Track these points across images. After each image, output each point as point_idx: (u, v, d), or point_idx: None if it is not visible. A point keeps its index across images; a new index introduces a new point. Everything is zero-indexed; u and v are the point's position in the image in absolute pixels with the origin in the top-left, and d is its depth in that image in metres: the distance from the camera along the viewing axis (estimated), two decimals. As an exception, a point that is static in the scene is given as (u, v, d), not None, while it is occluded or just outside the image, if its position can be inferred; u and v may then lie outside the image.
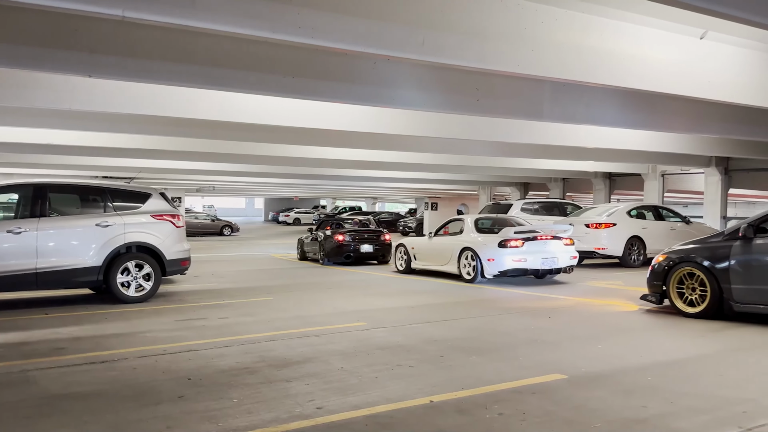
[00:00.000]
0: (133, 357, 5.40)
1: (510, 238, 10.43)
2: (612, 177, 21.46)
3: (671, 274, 7.31)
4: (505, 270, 10.40)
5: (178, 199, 30.37)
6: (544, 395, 4.18)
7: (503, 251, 10.36)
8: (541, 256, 10.50)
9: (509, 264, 10.34)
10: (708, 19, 5.48)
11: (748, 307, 6.60)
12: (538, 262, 10.45)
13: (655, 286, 7.54)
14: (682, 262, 7.22)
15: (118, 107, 7.72)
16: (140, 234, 8.75)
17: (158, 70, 5.73)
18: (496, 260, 10.40)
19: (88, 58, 5.42)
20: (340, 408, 3.91)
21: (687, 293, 7.18)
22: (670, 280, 7.32)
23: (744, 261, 6.64)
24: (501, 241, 10.43)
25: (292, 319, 7.40)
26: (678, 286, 7.27)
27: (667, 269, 7.36)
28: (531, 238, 10.55)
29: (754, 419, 3.62)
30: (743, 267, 6.64)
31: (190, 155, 15.29)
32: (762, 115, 9.42)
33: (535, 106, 8.11)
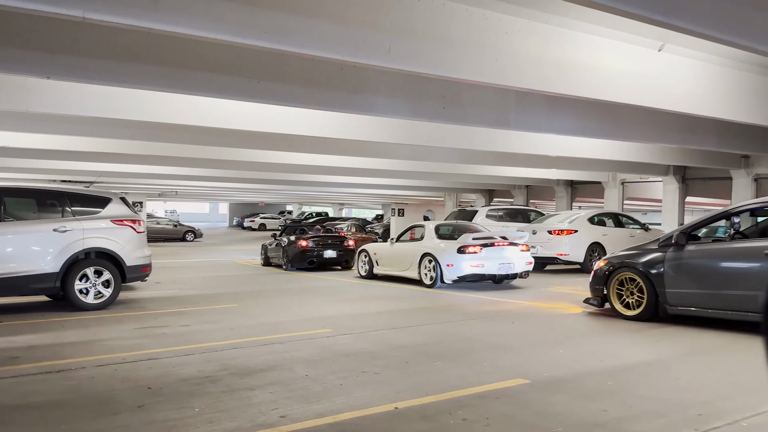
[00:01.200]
0: (91, 366, 5.26)
1: (468, 244, 10.69)
2: (574, 185, 21.87)
3: (611, 279, 7.63)
4: (464, 275, 10.64)
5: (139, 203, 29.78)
6: (508, 400, 4.22)
7: (462, 257, 10.61)
8: (498, 261, 10.77)
9: (468, 269, 10.59)
10: (666, 33, 5.65)
11: (681, 310, 6.95)
12: (495, 267, 10.74)
13: (597, 290, 7.84)
14: (622, 267, 7.54)
15: (77, 110, 7.53)
16: (99, 239, 8.55)
17: (120, 72, 5.62)
18: (455, 266, 10.64)
19: (47, 58, 5.28)
20: (304, 416, 3.88)
21: (626, 297, 7.49)
22: (610, 285, 7.64)
23: (676, 266, 6.98)
24: (460, 247, 10.68)
25: (256, 326, 7.32)
26: (618, 289, 7.58)
27: (608, 274, 7.67)
28: (488, 244, 10.85)
29: (708, 422, 3.72)
30: (676, 272, 6.97)
31: (152, 159, 15.01)
32: (716, 126, 9.74)
33: (500, 114, 8.22)
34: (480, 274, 10.72)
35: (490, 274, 10.80)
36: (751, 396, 4.27)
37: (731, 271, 6.71)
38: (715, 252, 6.95)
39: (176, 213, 52.51)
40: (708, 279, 6.77)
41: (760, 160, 15.14)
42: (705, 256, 6.91)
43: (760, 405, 4.00)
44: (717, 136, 10.36)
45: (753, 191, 15.62)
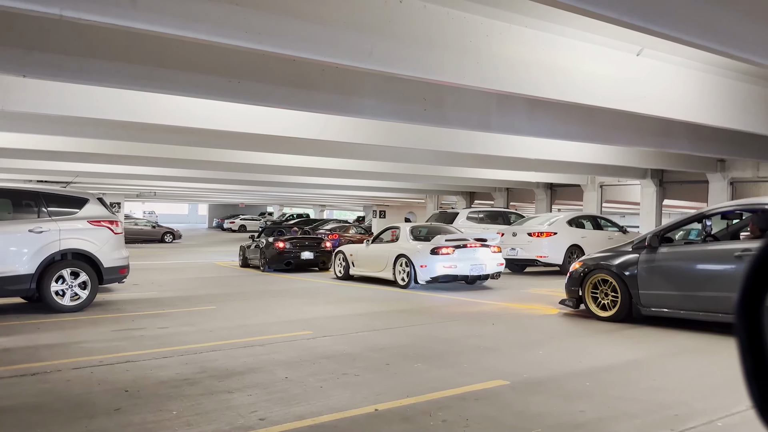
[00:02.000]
0: (67, 369, 5.18)
1: (441, 245, 10.84)
2: (553, 187, 22.07)
3: (586, 281, 7.70)
4: (437, 276, 10.80)
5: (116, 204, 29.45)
6: (487, 401, 4.24)
7: (435, 258, 10.77)
8: (470, 263, 10.93)
9: (441, 270, 10.76)
10: (644, 37, 5.71)
11: (654, 311, 7.04)
12: (468, 268, 10.89)
13: (572, 292, 7.91)
14: (597, 269, 7.61)
15: (55, 109, 7.42)
16: (76, 240, 8.42)
17: (98, 71, 5.55)
18: (428, 267, 10.79)
19: (24, 56, 5.19)
20: (283, 419, 3.85)
21: (600, 298, 7.58)
22: (585, 286, 7.71)
23: (650, 268, 7.07)
24: (433, 248, 10.85)
25: (236, 328, 7.27)
26: (592, 291, 7.66)
27: (583, 275, 7.75)
28: (461, 245, 11.01)
29: (684, 422, 3.77)
30: (649, 274, 7.06)
31: (130, 159, 14.85)
32: (693, 130, 9.90)
33: (481, 117, 8.26)
34: (453, 275, 10.89)
35: (463, 275, 10.97)
36: (726, 396, 4.34)
37: (703, 273, 6.81)
38: (687, 254, 7.10)
39: (155, 214, 51.98)
40: (680, 281, 6.88)
41: (735, 164, 15.42)
42: (677, 258, 7.04)
43: (734, 405, 4.06)
44: (694, 140, 10.53)
45: (729, 194, 15.89)
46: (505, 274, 14.25)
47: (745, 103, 8.13)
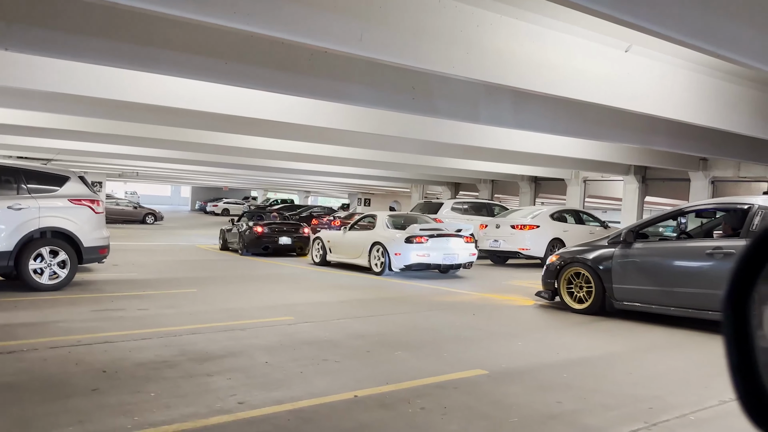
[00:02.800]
0: (44, 348, 5.13)
1: (416, 234, 11.11)
2: (538, 181, 22.19)
3: (562, 273, 7.84)
4: (410, 264, 11.08)
5: (98, 183, 29.10)
6: (466, 390, 4.27)
7: (409, 246, 11.04)
8: (443, 252, 11.21)
9: (414, 258, 11.05)
10: (633, 34, 5.74)
11: (627, 305, 7.19)
12: (441, 257, 11.18)
13: (548, 284, 8.05)
14: (572, 262, 7.76)
15: (38, 84, 7.28)
16: (56, 219, 8.31)
17: (82, 47, 5.44)
18: (402, 255, 11.08)
19: (5, 29, 5.08)
20: (262, 403, 3.85)
21: (575, 291, 7.72)
22: (561, 279, 7.85)
23: (624, 263, 7.22)
24: (407, 237, 11.11)
25: (216, 312, 7.24)
26: (568, 284, 7.81)
27: (559, 269, 7.89)
28: (435, 235, 11.29)
29: (658, 415, 3.83)
30: (623, 268, 7.20)
31: (113, 138, 14.63)
32: (677, 128, 9.98)
33: (470, 108, 8.26)
34: (426, 263, 11.17)
35: (436, 264, 11.24)
36: (699, 391, 4.41)
37: (675, 270, 6.94)
38: (660, 250, 7.22)
39: (137, 195, 51.42)
40: (653, 276, 7.00)
41: (717, 163, 15.61)
42: (651, 254, 7.16)
43: (706, 400, 4.14)
44: (678, 138, 10.63)
45: (710, 193, 16.10)
46: (487, 265, 14.36)
47: (730, 104, 8.22)
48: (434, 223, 12.61)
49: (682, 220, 7.24)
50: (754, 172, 15.23)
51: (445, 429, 3.50)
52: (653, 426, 3.63)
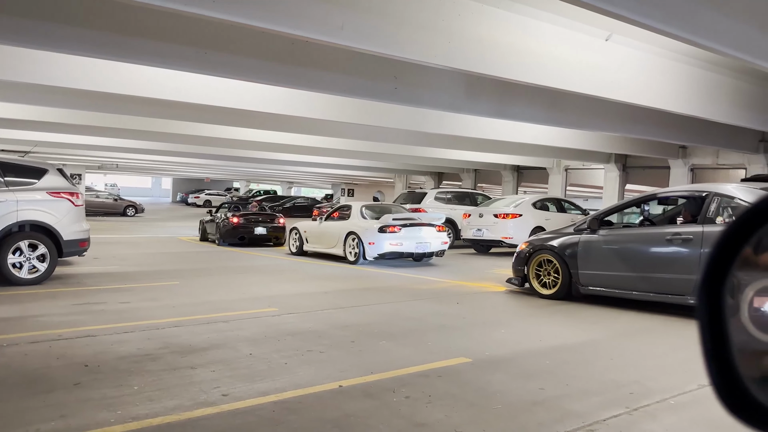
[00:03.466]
0: (25, 342, 5.07)
1: (389, 224, 11.42)
2: (520, 170, 22.29)
3: (531, 260, 8.08)
4: (384, 253, 11.41)
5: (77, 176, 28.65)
6: (450, 378, 4.30)
7: (382, 236, 11.36)
8: (416, 241, 11.56)
9: (387, 247, 11.37)
10: (614, 23, 5.77)
11: (592, 290, 7.45)
12: (413, 246, 11.53)
13: (518, 271, 8.29)
14: (541, 249, 7.98)
15: (12, 75, 7.14)
16: (35, 212, 8.19)
17: (58, 37, 5.34)
18: (376, 244, 11.39)
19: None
20: (247, 395, 3.85)
21: (543, 277, 7.97)
22: (530, 265, 8.08)
23: (588, 250, 7.46)
24: (381, 227, 11.42)
25: (199, 304, 7.20)
26: (537, 270, 8.04)
27: (528, 256, 8.13)
28: (407, 224, 11.59)
29: (639, 400, 3.89)
30: (588, 255, 7.45)
31: (92, 130, 14.42)
32: (657, 117, 10.07)
33: (452, 97, 8.26)
34: (399, 252, 11.50)
35: (408, 252, 11.60)
36: (679, 376, 4.49)
37: (636, 255, 7.16)
38: (622, 237, 7.45)
39: (117, 187, 50.84)
40: (616, 262, 7.24)
41: (696, 150, 15.80)
42: (614, 241, 7.38)
43: (686, 384, 4.21)
44: (657, 127, 10.73)
45: (689, 180, 16.30)
46: (470, 254, 14.44)
47: (709, 92, 8.31)
48: (407, 212, 12.90)
49: (645, 208, 7.49)
50: (733, 160, 15.43)
51: (430, 417, 3.53)
52: (634, 411, 3.69)
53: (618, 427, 3.42)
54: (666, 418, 3.60)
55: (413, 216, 12.25)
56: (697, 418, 3.62)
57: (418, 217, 12.25)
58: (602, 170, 18.68)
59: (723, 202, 6.70)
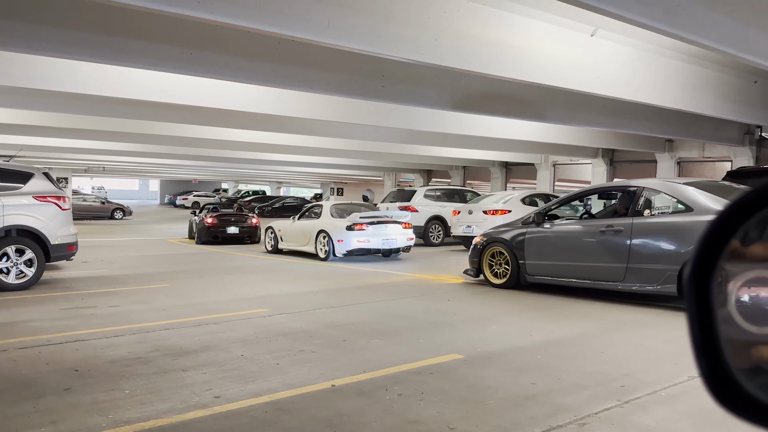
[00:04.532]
0: (13, 348, 5.02)
1: (356, 222, 11.95)
2: (508, 166, 22.38)
3: (485, 252, 8.56)
4: (352, 249, 11.94)
5: (64, 179, 28.45)
6: (442, 375, 4.31)
7: (350, 233, 11.92)
8: (382, 237, 12.13)
9: (355, 244, 11.93)
10: (599, 18, 5.80)
11: (537, 279, 7.94)
12: (380, 242, 12.11)
13: (473, 262, 8.74)
14: (493, 242, 8.46)
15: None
16: (21, 217, 8.12)
17: (40, 39, 5.29)
18: (344, 241, 11.94)
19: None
20: (239, 396, 3.84)
21: (496, 267, 8.45)
22: (483, 257, 8.57)
23: (533, 241, 7.96)
24: (349, 224, 11.96)
25: (189, 306, 7.16)
26: (490, 261, 8.52)
27: (482, 248, 8.60)
28: (374, 222, 12.14)
29: (630, 393, 3.92)
30: (533, 246, 7.95)
31: (78, 133, 14.32)
32: (644, 111, 10.15)
33: (440, 95, 8.27)
34: (366, 248, 12.05)
35: (375, 248, 12.16)
36: (669, 368, 4.52)
37: (575, 246, 7.60)
38: (563, 229, 7.84)
39: (104, 190, 50.48)
40: (557, 252, 7.76)
41: (682, 144, 15.93)
42: (555, 233, 7.83)
43: (676, 376, 4.24)
44: (643, 121, 10.81)
45: (676, 173, 16.43)
46: (459, 251, 14.46)
47: (695, 86, 8.38)
48: (375, 211, 13.44)
49: (588, 202, 8.06)
50: (718, 153, 15.58)
51: (423, 414, 3.53)
52: (626, 403, 3.71)
53: (610, 420, 3.44)
54: (657, 410, 3.63)
55: (380, 214, 12.79)
56: (687, 409, 3.65)
57: (384, 215, 12.79)
58: (590, 165, 18.79)
59: (649, 195, 7.14)
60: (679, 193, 6.86)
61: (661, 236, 6.81)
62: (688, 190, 6.82)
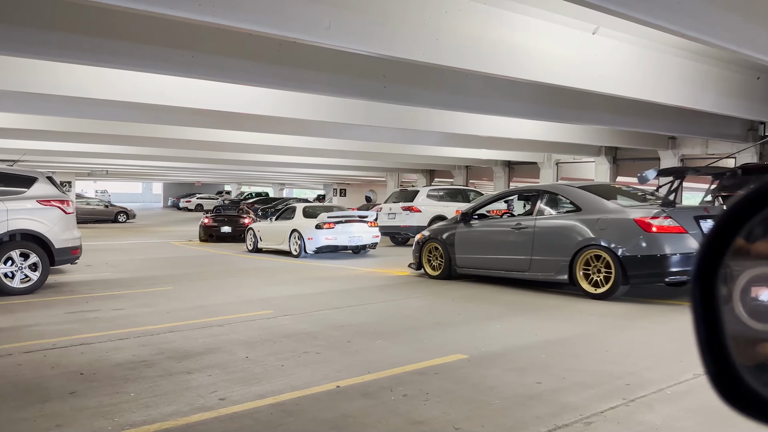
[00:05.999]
0: (18, 352, 5.03)
1: (324, 222, 13.02)
2: (511, 165, 22.35)
3: (425, 247, 9.61)
4: (321, 246, 13.04)
5: (67, 183, 28.52)
6: (446, 375, 4.30)
7: (319, 232, 13.02)
8: (348, 235, 13.23)
9: (323, 241, 13.04)
10: (600, 16, 5.79)
11: (464, 270, 9.05)
12: (346, 240, 13.23)
13: (416, 257, 9.82)
14: (431, 239, 9.51)
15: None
16: (25, 221, 8.13)
17: (41, 43, 5.30)
18: (314, 239, 13.04)
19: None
20: (244, 398, 3.84)
21: (433, 261, 9.50)
22: (423, 252, 9.61)
23: (461, 237, 9.03)
24: (317, 224, 13.07)
25: (193, 309, 7.17)
26: (428, 256, 9.55)
27: (422, 244, 9.67)
28: (341, 221, 13.19)
29: (635, 391, 3.91)
30: (461, 242, 9.04)
31: (80, 137, 14.34)
32: (646, 108, 10.12)
33: (441, 94, 8.26)
34: (334, 245, 13.15)
35: (342, 245, 13.26)
36: (673, 366, 4.51)
37: (492, 241, 8.66)
38: (485, 227, 8.95)
39: (107, 193, 50.59)
40: (479, 247, 8.84)
41: (685, 141, 15.89)
42: (477, 230, 8.94)
43: (681, 374, 4.23)
44: (646, 118, 10.78)
45: (678, 171, 16.37)
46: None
47: (697, 82, 8.35)
48: (345, 212, 14.38)
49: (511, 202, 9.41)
50: (722, 149, 15.53)
51: (427, 414, 3.53)
52: (631, 402, 3.70)
53: (615, 419, 3.43)
54: (663, 408, 3.62)
55: (347, 214, 13.83)
56: (693, 407, 3.64)
57: (350, 215, 13.80)
58: (593, 163, 18.75)
59: (549, 197, 8.29)
60: (570, 194, 8.02)
61: (556, 232, 7.82)
62: (578, 192, 7.99)
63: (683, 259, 6.91)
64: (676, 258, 6.93)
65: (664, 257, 6.94)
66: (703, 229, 7.07)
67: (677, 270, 6.96)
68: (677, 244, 6.96)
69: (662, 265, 6.98)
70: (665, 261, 6.95)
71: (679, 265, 6.94)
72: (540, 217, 8.11)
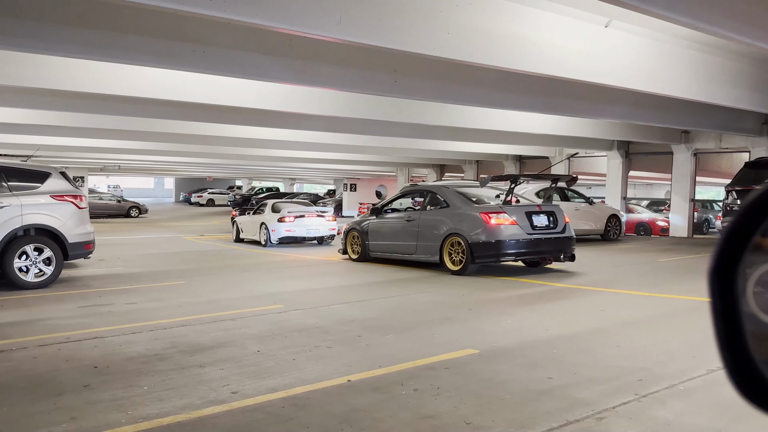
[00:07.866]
0: (33, 346, 5.08)
1: (285, 216, 14.80)
2: (522, 159, 22.25)
3: (348, 236, 11.59)
4: (282, 237, 14.85)
5: (80, 178, 28.76)
6: (457, 370, 4.30)
7: (281, 224, 14.83)
8: (306, 228, 15.10)
9: (284, 233, 14.85)
10: (613, 9, 5.73)
11: (375, 254, 11.01)
12: (304, 231, 15.10)
13: (343, 244, 11.76)
14: (353, 228, 11.50)
15: (11, 80, 7.16)
16: (39, 216, 8.21)
17: (51, 38, 5.33)
18: (276, 231, 14.83)
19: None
20: (256, 392, 3.86)
21: (355, 247, 11.43)
22: (347, 239, 11.59)
23: (373, 228, 11.05)
24: (279, 218, 14.87)
25: (205, 303, 7.21)
26: (352, 242, 11.50)
27: (346, 233, 11.65)
28: (300, 216, 14.99)
29: (648, 387, 3.89)
30: (372, 231, 11.04)
31: (93, 132, 14.45)
32: (659, 102, 10.04)
33: (453, 89, 8.23)
34: (293, 237, 14.98)
35: (301, 237, 15.10)
36: (686, 361, 4.48)
37: (392, 230, 10.63)
38: (388, 219, 10.89)
39: (119, 188, 50.94)
40: (384, 235, 10.79)
41: (699, 135, 15.74)
42: (382, 222, 10.91)
43: (693, 370, 4.20)
44: (659, 112, 10.68)
45: (692, 165, 16.25)
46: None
47: (710, 76, 8.26)
48: (307, 207, 16.15)
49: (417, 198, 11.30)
50: (736, 143, 15.38)
51: (438, 409, 3.53)
52: (643, 398, 3.69)
53: (628, 414, 3.42)
54: (675, 403, 3.60)
55: (307, 209, 15.65)
56: (706, 403, 3.61)
57: (308, 210, 15.56)
58: (605, 157, 18.63)
59: (431, 196, 10.14)
60: (444, 194, 9.91)
61: (432, 224, 9.76)
62: (448, 191, 9.91)
63: (514, 244, 8.97)
64: (509, 243, 8.93)
65: (498, 242, 8.90)
66: (534, 222, 9.15)
67: (510, 252, 9.08)
68: (509, 233, 8.95)
69: (497, 249, 8.94)
70: (499, 245, 8.91)
71: (511, 248, 9.01)
72: (424, 211, 10.23)
